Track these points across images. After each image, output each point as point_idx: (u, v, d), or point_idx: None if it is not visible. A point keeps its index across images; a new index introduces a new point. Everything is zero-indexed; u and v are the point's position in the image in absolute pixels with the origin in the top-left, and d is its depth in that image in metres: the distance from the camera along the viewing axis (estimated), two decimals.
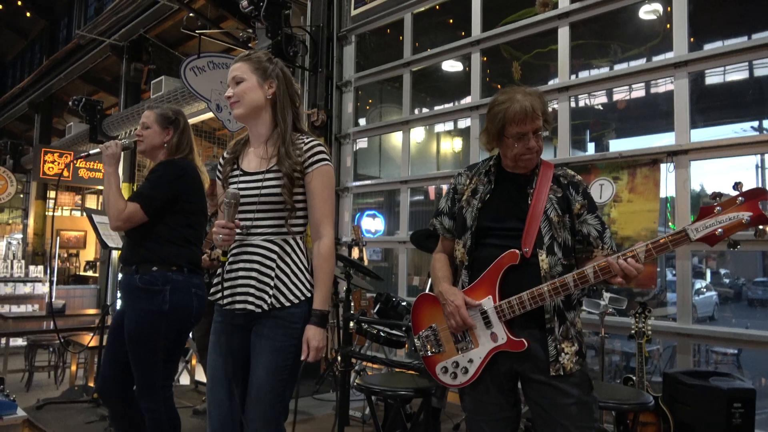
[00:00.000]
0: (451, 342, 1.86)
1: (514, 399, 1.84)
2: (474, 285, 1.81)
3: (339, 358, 3.29)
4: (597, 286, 2.24)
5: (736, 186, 1.53)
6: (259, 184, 1.82)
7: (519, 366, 1.78)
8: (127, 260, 2.38)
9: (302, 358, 1.77)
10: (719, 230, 1.53)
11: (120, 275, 2.47)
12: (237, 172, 1.90)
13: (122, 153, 2.39)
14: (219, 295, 1.86)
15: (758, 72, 5.32)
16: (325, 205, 1.84)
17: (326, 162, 1.85)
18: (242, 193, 1.84)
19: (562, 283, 1.69)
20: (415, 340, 1.95)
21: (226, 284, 1.84)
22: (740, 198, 1.51)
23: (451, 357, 1.85)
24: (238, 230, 1.79)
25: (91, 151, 2.46)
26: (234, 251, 1.85)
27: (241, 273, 1.81)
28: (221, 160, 2.00)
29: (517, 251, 1.74)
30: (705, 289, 10.23)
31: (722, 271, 12.81)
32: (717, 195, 1.56)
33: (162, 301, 2.25)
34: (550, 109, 1.85)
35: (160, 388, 2.30)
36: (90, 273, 11.87)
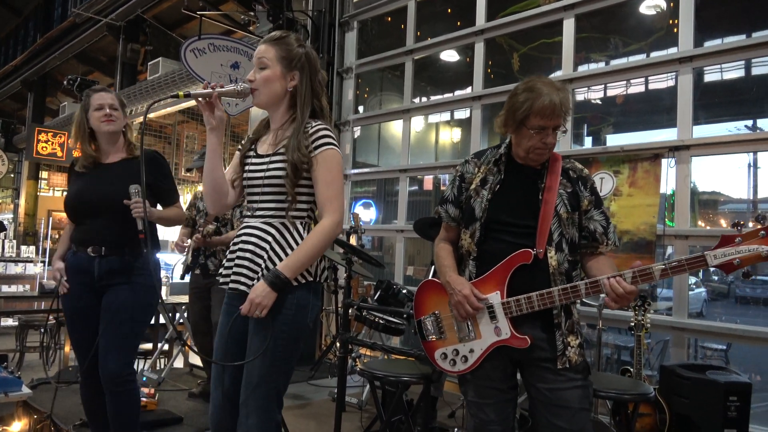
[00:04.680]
0: (453, 330, 1.87)
1: (513, 383, 1.87)
2: (482, 278, 1.81)
3: (338, 344, 3.29)
4: None
5: (759, 218, 1.56)
6: (265, 167, 1.80)
7: (523, 357, 1.80)
8: (110, 243, 2.45)
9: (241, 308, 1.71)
10: (737, 260, 1.55)
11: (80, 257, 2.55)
12: (251, 153, 1.90)
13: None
14: (223, 277, 1.86)
15: (755, 70, 5.32)
16: (328, 189, 1.76)
17: (330, 146, 1.78)
18: (250, 175, 1.85)
19: (574, 289, 1.70)
20: (416, 324, 1.96)
21: (226, 264, 1.84)
22: (762, 231, 1.53)
23: (452, 345, 1.87)
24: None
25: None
26: (239, 232, 1.85)
27: (238, 254, 1.80)
28: (247, 137, 1.99)
29: (531, 251, 1.74)
30: (695, 286, 10.37)
31: (711, 269, 12.93)
32: (738, 224, 1.57)
33: (149, 276, 2.44)
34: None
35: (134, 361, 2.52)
36: None
